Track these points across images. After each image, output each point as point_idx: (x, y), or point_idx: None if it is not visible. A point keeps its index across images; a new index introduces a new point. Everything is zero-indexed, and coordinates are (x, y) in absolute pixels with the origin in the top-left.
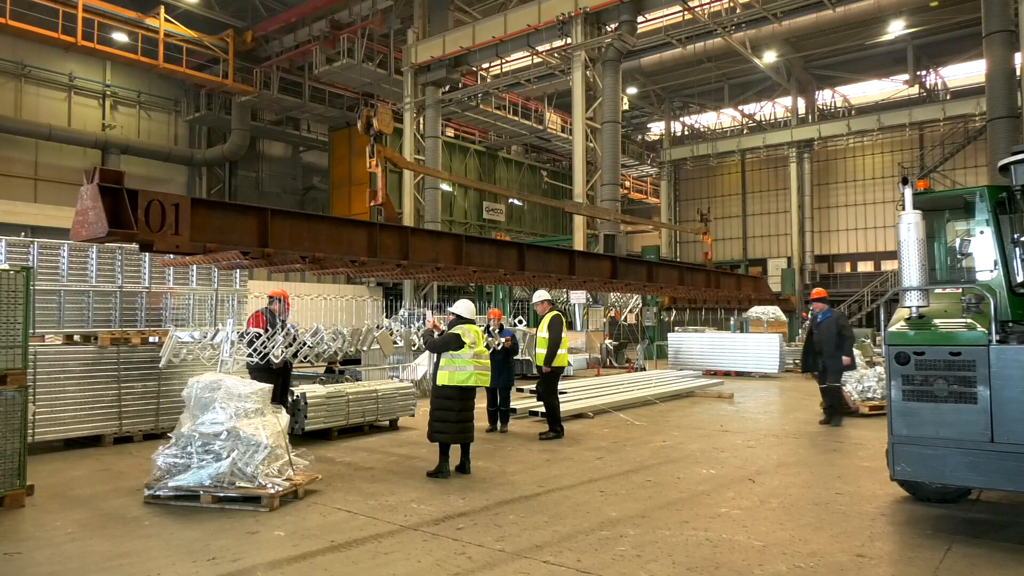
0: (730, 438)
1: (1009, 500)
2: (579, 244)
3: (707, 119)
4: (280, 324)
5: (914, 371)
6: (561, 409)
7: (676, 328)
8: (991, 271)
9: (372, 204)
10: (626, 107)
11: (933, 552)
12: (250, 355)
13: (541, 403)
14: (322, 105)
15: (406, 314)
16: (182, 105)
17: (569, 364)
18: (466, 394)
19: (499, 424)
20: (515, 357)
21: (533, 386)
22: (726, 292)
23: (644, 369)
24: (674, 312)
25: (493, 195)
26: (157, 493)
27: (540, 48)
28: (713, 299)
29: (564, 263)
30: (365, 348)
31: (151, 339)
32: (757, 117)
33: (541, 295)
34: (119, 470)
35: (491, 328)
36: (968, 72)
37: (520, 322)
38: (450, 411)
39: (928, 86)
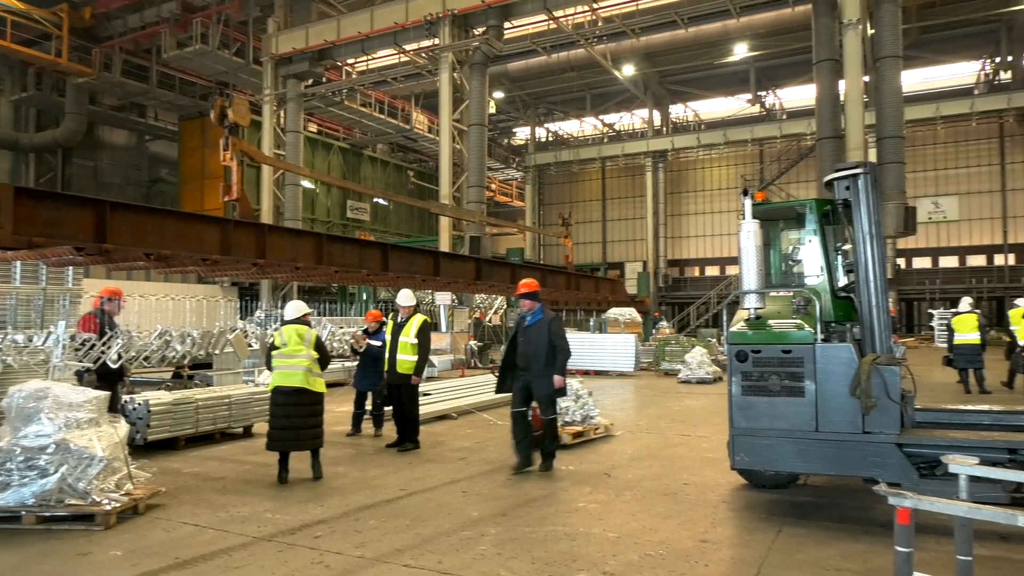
0: None
1: (831, 484)
2: (445, 245)
3: (570, 126)
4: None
5: (752, 368)
6: (425, 411)
7: None
8: (818, 276)
9: (226, 199)
10: (493, 111)
11: (766, 534)
12: (81, 361)
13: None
14: (171, 92)
15: (262, 315)
16: (6, 83)
17: (434, 365)
18: (285, 399)
19: (374, 429)
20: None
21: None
22: (586, 294)
23: None
24: None
25: (357, 194)
26: None
27: (408, 47)
28: (574, 300)
29: (429, 264)
30: (217, 351)
31: None
32: (617, 127)
33: (406, 298)
34: None
35: (369, 330)
36: (802, 95)
37: (384, 324)
38: (273, 416)
39: (768, 106)
